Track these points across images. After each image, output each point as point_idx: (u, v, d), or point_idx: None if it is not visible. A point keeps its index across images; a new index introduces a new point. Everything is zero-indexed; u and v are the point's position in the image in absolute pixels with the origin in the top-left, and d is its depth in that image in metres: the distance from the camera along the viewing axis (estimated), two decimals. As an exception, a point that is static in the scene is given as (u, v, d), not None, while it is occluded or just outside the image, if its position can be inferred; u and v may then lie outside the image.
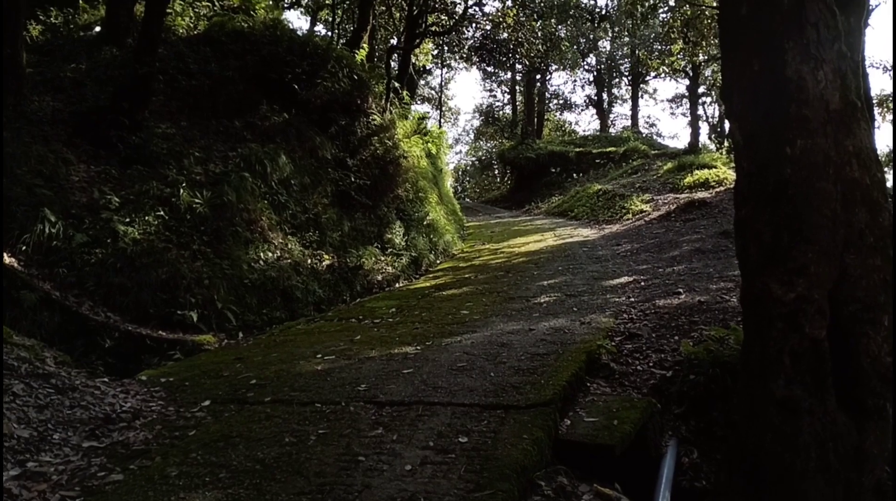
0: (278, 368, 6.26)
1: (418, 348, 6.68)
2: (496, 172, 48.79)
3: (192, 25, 13.15)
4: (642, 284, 9.13)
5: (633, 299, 8.21)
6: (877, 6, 14.27)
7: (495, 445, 4.18)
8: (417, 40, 18.52)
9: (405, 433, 4.45)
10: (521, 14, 19.83)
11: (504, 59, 20.84)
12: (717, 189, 17.06)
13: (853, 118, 3.33)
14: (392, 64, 17.96)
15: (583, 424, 4.88)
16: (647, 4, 16.31)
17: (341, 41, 18.11)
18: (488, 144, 51.95)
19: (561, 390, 5.08)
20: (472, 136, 54.86)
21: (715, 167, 19.31)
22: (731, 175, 18.28)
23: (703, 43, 17.62)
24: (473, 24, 18.78)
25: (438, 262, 13.25)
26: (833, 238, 3.29)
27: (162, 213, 8.67)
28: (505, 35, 19.04)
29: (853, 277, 3.37)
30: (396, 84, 15.69)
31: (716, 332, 5.97)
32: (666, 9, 18.51)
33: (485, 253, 13.91)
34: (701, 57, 20.81)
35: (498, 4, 19.24)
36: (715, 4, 18.46)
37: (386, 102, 14.08)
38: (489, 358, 6.04)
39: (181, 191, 8.98)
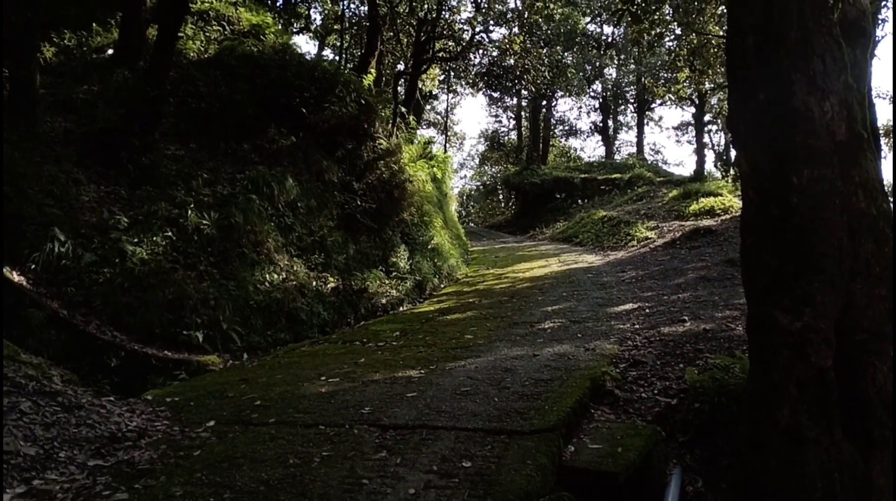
0: (283, 389, 6.27)
1: (422, 372, 6.68)
2: (500, 197, 48.95)
3: (202, 49, 13.31)
4: (647, 311, 9.13)
5: (637, 327, 8.22)
6: (882, 38, 14.40)
7: (499, 470, 4.18)
8: (425, 66, 18.72)
9: (409, 457, 4.45)
10: (528, 41, 20.04)
11: (511, 85, 21.00)
12: (723, 217, 17.09)
13: (859, 149, 3.37)
14: (399, 89, 18.10)
15: (587, 451, 4.88)
16: (653, 33, 16.42)
17: (349, 66, 18.32)
18: (493, 170, 52.20)
19: (565, 416, 5.08)
20: (476, 161, 55.20)
21: (720, 195, 19.36)
22: (736, 203, 18.33)
23: (710, 71, 17.75)
24: (480, 51, 19.02)
25: (442, 286, 13.26)
26: (839, 268, 3.31)
27: (170, 233, 8.73)
28: (512, 61, 19.22)
29: (859, 306, 3.38)
30: (403, 109, 15.82)
31: (721, 360, 5.96)
32: (672, 37, 18.63)
33: (489, 278, 13.93)
34: (707, 85, 20.96)
35: (505, 31, 19.63)
36: (721, 34, 18.65)
37: (393, 126, 14.19)
38: (493, 383, 6.04)
39: (189, 212, 9.05)
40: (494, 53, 19.26)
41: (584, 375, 6.14)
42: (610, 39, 37.29)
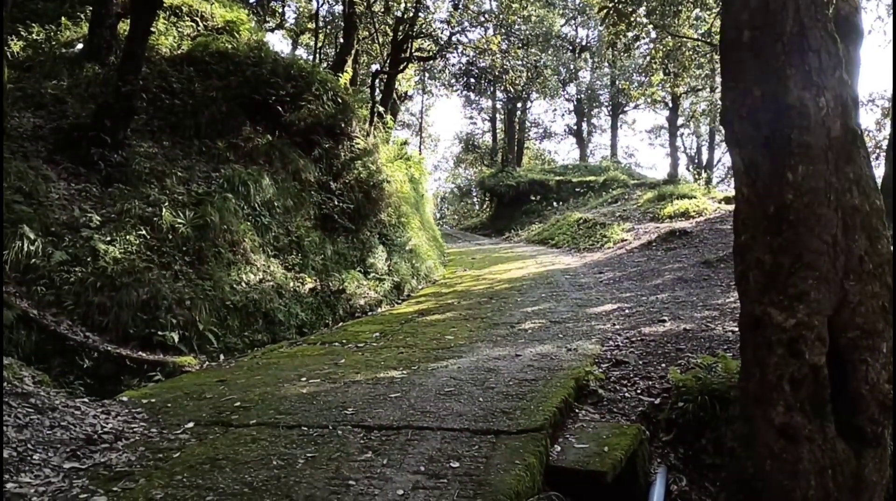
0: (263, 390, 6.15)
1: (404, 372, 6.60)
2: (475, 199, 48.99)
3: (175, 45, 13.08)
4: (626, 311, 9.14)
5: (618, 327, 8.21)
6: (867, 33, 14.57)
7: (488, 470, 4.12)
8: (403, 65, 18.61)
9: (395, 458, 4.37)
10: (506, 42, 20.03)
11: (488, 85, 20.97)
12: (697, 219, 17.21)
13: (853, 145, 3.36)
14: (376, 90, 17.98)
15: (573, 450, 4.84)
16: (629, 35, 16.52)
17: (324, 65, 18.16)
18: (467, 172, 52.21)
19: (551, 416, 5.04)
20: (451, 163, 55.16)
21: (694, 198, 19.50)
22: (710, 206, 18.49)
23: (685, 74, 17.90)
24: (459, 50, 18.94)
25: (420, 287, 13.18)
26: (833, 265, 3.30)
27: (143, 232, 8.54)
28: (490, 62, 19.20)
29: (852, 303, 3.37)
30: (381, 108, 15.71)
31: (704, 360, 5.97)
32: (647, 40, 18.75)
33: (467, 279, 13.87)
34: (682, 88, 21.14)
35: (482, 32, 19.54)
36: (696, 36, 18.84)
37: (370, 125, 14.08)
38: (477, 383, 5.98)
39: (163, 210, 8.87)
40: (471, 53, 19.18)
41: (567, 375, 6.10)
42: (584, 42, 37.51)
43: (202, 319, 8.27)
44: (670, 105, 27.09)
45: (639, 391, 6.04)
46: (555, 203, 28.68)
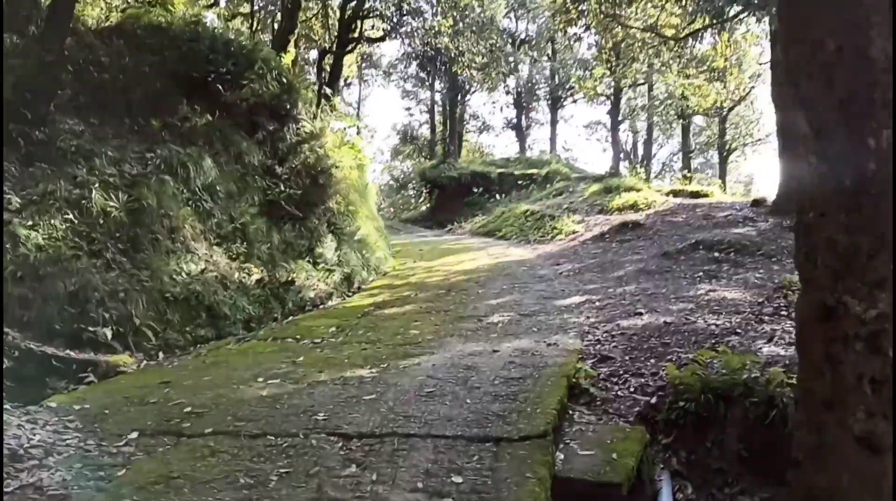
0: (215, 393, 5.43)
1: (374, 371, 5.98)
2: (412, 191, 48.38)
3: (103, 17, 12.08)
4: (597, 304, 8.72)
5: (593, 320, 7.77)
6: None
7: (498, 486, 3.57)
8: (352, 45, 17.86)
9: (385, 473, 3.77)
10: (461, 23, 19.46)
11: (442, 67, 20.37)
12: (647, 212, 17.07)
13: (945, 107, 2.90)
14: (323, 71, 17.15)
15: (578, 458, 4.32)
16: (579, 24, 16.22)
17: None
18: (404, 164, 51.49)
19: (553, 419, 4.52)
20: (387, 155, 54.31)
21: (641, 190, 19.42)
22: (658, 198, 18.42)
23: (632, 67, 17.71)
24: (410, 29, 18.21)
25: (371, 279, 12.52)
26: (920, 247, 2.84)
27: (71, 216, 7.63)
28: (445, 44, 18.58)
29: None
30: (328, 90, 14.93)
31: (701, 355, 5.54)
32: (595, 32, 18.44)
33: (419, 271, 13.28)
34: (628, 81, 21.04)
35: (433, 13, 18.74)
36: (641, 26, 18.65)
37: (317, 108, 13.31)
38: (459, 383, 5.42)
39: (93, 193, 7.97)
40: (422, 34, 18.45)
41: (556, 372, 5.60)
42: (524, 36, 37.29)
43: (139, 313, 7.43)
44: (612, 99, 27.10)
45: (632, 390, 5.59)
46: (497, 195, 28.34)
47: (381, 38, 20.14)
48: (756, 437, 4.83)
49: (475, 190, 29.54)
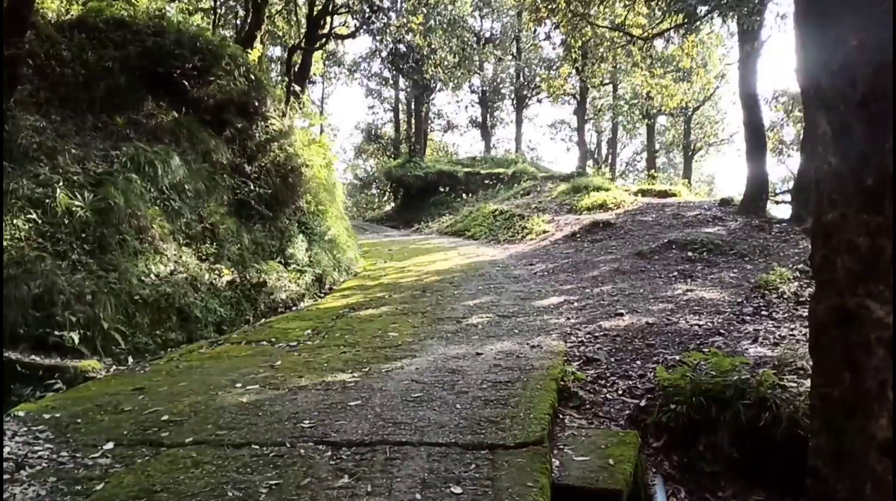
0: (193, 400, 5.22)
1: (356, 375, 5.82)
2: (376, 190, 48.05)
3: (63, 10, 11.65)
4: (576, 304, 8.67)
5: (574, 321, 7.70)
6: (768, 38, 14.78)
7: (499, 496, 3.46)
8: (321, 42, 17.55)
9: (380, 483, 3.63)
10: (433, 20, 19.29)
11: (414, 65, 20.11)
12: (617, 211, 17.12)
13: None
14: (292, 68, 16.81)
15: (575, 464, 4.23)
16: (548, 22, 16.19)
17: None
18: (367, 163, 51.10)
19: (548, 425, 4.42)
20: (350, 154, 53.85)
21: (609, 190, 19.48)
22: (627, 198, 18.50)
23: (601, 66, 17.76)
24: (380, 25, 17.87)
25: (342, 280, 12.31)
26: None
27: (34, 216, 7.32)
28: (418, 39, 18.36)
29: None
30: (297, 87, 14.65)
31: (691, 357, 5.49)
32: (564, 30, 18.41)
33: (390, 271, 13.10)
34: (596, 80, 21.11)
35: (401, 5, 18.41)
36: (608, 26, 18.70)
37: (286, 105, 13.04)
38: (446, 387, 5.29)
39: (58, 192, 7.65)
40: (394, 30, 18.20)
41: (544, 375, 5.50)
42: (489, 34, 37.25)
43: (106, 316, 7.15)
44: (578, 99, 27.20)
45: (620, 392, 5.52)
46: (464, 195, 28.25)
47: (352, 35, 19.87)
48: (749, 440, 4.79)
49: (442, 189, 29.40)
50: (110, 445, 4.32)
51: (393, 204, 37.13)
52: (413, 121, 40.48)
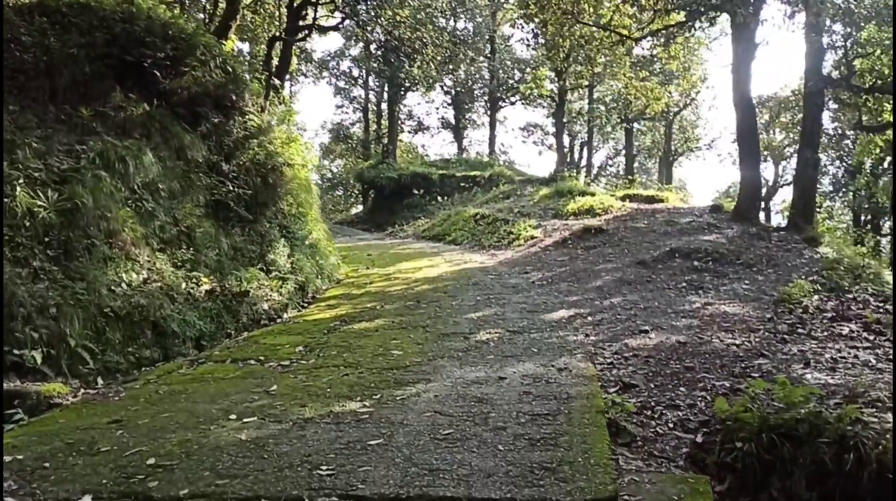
0: (182, 437, 4.45)
1: (367, 404, 5.10)
2: (343, 192, 47.14)
3: (22, -7, 10.70)
4: (589, 319, 8.04)
5: (594, 338, 7.07)
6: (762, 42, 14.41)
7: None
8: (303, 33, 16.68)
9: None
10: (423, 13, 18.56)
11: (406, 59, 19.31)
12: (606, 216, 16.58)
13: None
14: (271, 60, 15.93)
15: (650, 525, 3.58)
16: (537, 20, 15.61)
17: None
18: (334, 164, 50.03)
19: (615, 472, 3.76)
20: (315, 154, 52.69)
21: (595, 194, 18.95)
22: (616, 203, 17.97)
23: (589, 66, 17.23)
24: (371, 16, 17.01)
25: (325, 288, 11.52)
26: None
27: (-10, 217, 6.44)
28: (409, 35, 17.54)
29: None
30: (276, 81, 13.80)
31: (754, 385, 4.87)
32: (551, 28, 17.80)
33: (376, 279, 12.32)
34: (584, 81, 20.61)
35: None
36: (592, 25, 18.16)
37: (265, 100, 12.20)
38: (477, 421, 4.60)
39: (17, 190, 6.78)
40: (385, 22, 17.37)
41: (585, 406, 4.85)
42: (462, 35, 36.54)
43: (73, 331, 6.32)
44: (557, 101, 26.70)
45: (671, 426, 4.89)
46: (439, 197, 27.52)
47: (335, 28, 19.04)
48: (829, 484, 4.19)
49: (416, 192, 28.61)
50: (87, 499, 3.55)
51: (362, 206, 36.21)
52: (386, 121, 39.61)
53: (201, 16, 22.49)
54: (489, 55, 36.20)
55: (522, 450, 4.04)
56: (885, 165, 26.99)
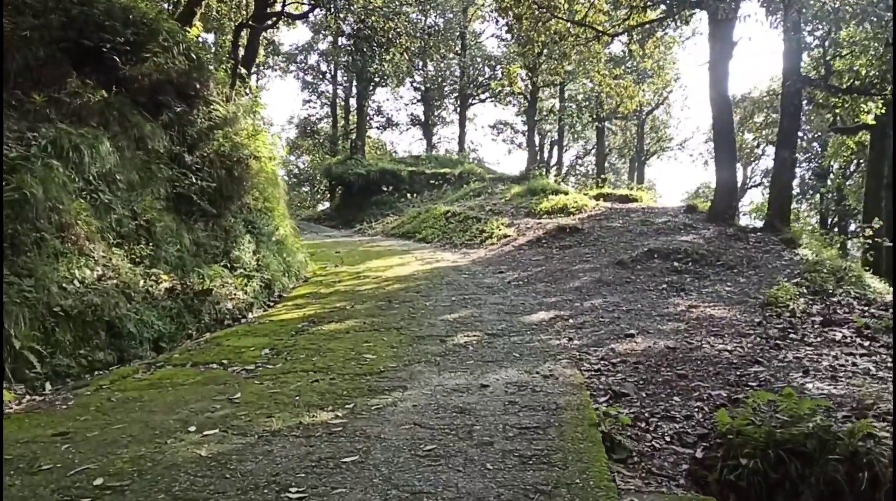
0: (134, 453, 4.02)
1: (340, 414, 4.70)
2: (308, 189, 46.41)
3: (-29, -30, 10.06)
4: (571, 321, 7.71)
5: (578, 343, 6.74)
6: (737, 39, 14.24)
7: None
8: (272, 20, 16.11)
9: None
10: (395, 2, 18.06)
11: (379, 48, 18.77)
12: (580, 216, 16.31)
13: None
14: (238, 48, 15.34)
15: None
16: (511, 13, 15.27)
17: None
18: (301, 159, 49.24)
19: (616, 496, 3.42)
20: (283, 148, 51.80)
21: (567, 193, 18.69)
22: (589, 202, 17.75)
23: (563, 63, 16.97)
24: (345, 3, 16.42)
25: (292, 286, 11.06)
26: None
27: (-73, 208, 5.91)
28: (383, 23, 17.01)
29: None
30: (243, 70, 13.25)
31: (757, 397, 4.56)
32: (526, 23, 17.46)
33: (345, 277, 11.88)
34: (558, 78, 20.36)
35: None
36: (569, 21, 17.91)
37: (231, 89, 11.68)
38: (461, 435, 4.24)
39: (-41, 178, 6.25)
40: (358, 10, 16.78)
41: (577, 418, 4.52)
42: (432, 30, 36.11)
43: (19, 332, 5.82)
44: (529, 99, 26.46)
45: (668, 439, 4.57)
46: (408, 195, 27.03)
47: (304, 16, 18.43)
48: (842, 505, 3.90)
49: (385, 189, 28.07)
50: (23, 528, 3.12)
51: (329, 203, 35.57)
52: (354, 117, 39.02)
53: (165, 5, 21.89)
54: (459, 51, 35.85)
55: (513, 469, 3.69)
56: (852, 167, 27.26)
